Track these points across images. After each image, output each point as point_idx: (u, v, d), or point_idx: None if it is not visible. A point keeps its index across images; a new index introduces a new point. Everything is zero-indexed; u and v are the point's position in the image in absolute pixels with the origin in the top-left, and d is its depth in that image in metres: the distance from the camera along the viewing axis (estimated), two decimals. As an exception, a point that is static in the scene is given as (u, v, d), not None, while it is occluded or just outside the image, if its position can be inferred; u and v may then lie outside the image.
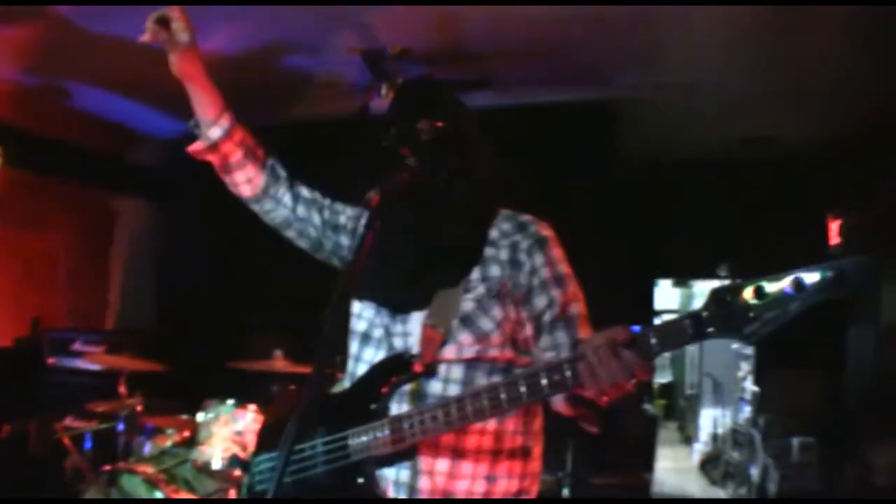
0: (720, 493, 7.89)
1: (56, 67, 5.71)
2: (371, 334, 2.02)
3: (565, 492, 4.56)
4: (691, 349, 10.74)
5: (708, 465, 8.72)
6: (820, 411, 7.14)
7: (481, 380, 1.87)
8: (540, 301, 1.93)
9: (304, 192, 2.23)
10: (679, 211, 7.95)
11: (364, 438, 1.83)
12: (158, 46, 2.00)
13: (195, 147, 2.14)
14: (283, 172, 2.22)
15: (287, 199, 2.20)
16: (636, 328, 1.58)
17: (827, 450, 6.70)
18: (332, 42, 5.02)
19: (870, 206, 6.42)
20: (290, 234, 2.25)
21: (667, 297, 12.47)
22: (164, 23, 1.97)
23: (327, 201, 2.26)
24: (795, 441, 6.82)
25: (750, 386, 7.96)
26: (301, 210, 2.20)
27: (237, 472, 3.82)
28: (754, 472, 7.19)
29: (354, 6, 4.42)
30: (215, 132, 2.10)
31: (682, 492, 7.96)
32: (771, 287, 1.45)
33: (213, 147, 2.11)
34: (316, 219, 2.21)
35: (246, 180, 2.17)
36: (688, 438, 10.57)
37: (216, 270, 7.02)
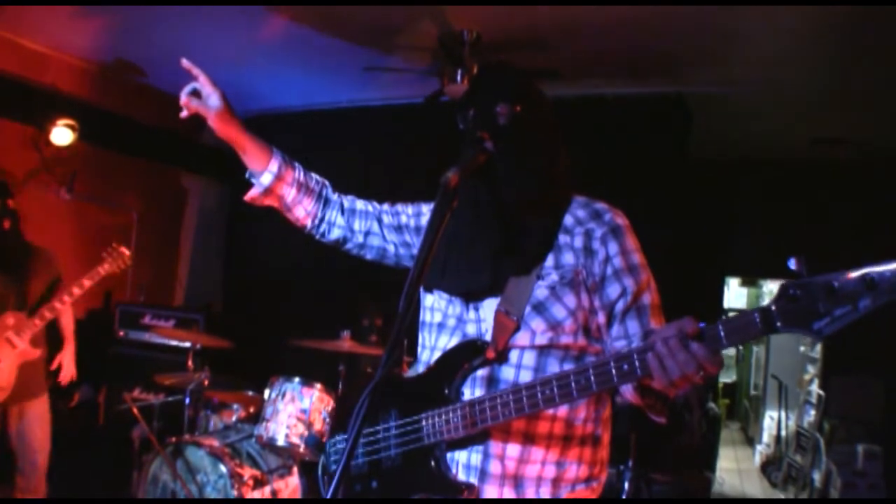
0: (780, 496, 7.79)
1: (131, 46, 5.82)
2: (444, 324, 2.04)
3: (626, 485, 4.54)
4: (757, 350, 10.63)
5: (769, 467, 8.61)
6: (887, 419, 7.00)
7: (554, 366, 1.88)
8: (613, 290, 1.91)
9: (358, 204, 2.29)
10: (748, 209, 7.83)
11: (437, 422, 1.86)
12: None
13: (251, 195, 2.21)
14: (332, 196, 2.28)
15: (340, 218, 2.25)
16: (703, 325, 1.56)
17: (893, 458, 6.56)
18: (408, 27, 5.03)
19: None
20: (353, 249, 2.31)
21: (735, 296, 12.34)
22: (194, 94, 2.08)
23: (385, 206, 2.31)
24: (860, 448, 6.69)
25: (816, 389, 7.83)
26: (356, 223, 2.26)
27: (301, 449, 3.84)
28: (817, 476, 7.07)
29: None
30: (266, 178, 2.17)
31: (742, 493, 7.87)
32: (842, 283, 1.40)
33: (268, 192, 2.18)
34: (375, 227, 2.26)
35: (305, 214, 2.24)
36: (750, 439, 10.46)
37: (285, 250, 7.09)
